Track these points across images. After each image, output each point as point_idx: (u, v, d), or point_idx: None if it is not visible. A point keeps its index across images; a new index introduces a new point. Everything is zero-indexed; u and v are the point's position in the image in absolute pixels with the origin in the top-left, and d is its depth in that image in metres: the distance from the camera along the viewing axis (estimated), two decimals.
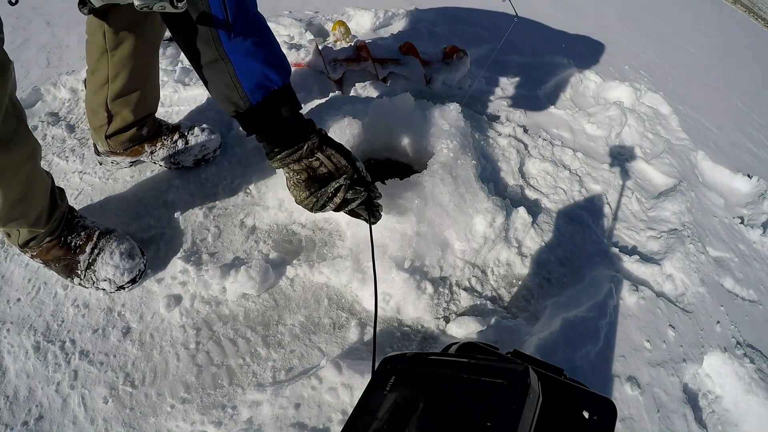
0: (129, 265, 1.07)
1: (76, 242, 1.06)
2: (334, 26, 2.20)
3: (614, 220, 1.66)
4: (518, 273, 1.34)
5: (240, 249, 1.24)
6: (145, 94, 1.18)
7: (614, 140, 2.10)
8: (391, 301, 1.16)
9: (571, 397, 0.60)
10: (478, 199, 1.32)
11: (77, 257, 1.05)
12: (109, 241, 1.07)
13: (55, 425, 0.90)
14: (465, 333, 1.13)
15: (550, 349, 1.08)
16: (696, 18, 6.03)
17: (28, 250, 1.05)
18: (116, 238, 1.09)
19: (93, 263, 1.05)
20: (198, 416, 0.93)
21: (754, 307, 1.58)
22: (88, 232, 1.08)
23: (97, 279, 1.06)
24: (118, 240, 1.09)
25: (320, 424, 0.91)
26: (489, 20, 3.02)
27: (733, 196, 2.14)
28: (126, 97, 1.15)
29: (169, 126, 1.30)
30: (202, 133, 1.28)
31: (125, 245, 1.08)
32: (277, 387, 0.97)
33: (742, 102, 3.62)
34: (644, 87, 2.66)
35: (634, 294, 1.32)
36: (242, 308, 1.12)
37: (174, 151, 1.25)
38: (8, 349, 0.99)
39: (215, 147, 1.31)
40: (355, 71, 1.95)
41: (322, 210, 0.95)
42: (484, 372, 0.55)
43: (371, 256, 0.95)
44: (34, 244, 1.02)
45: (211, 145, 1.30)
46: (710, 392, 1.24)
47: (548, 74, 2.45)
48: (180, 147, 1.26)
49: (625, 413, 1.08)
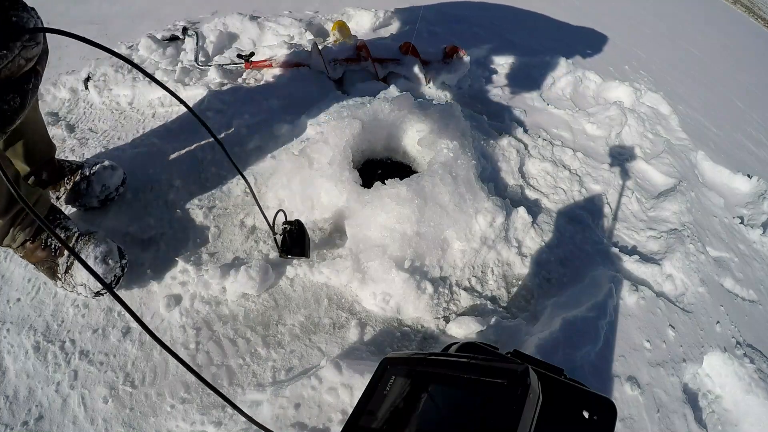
0: (102, 270, 1.02)
1: (56, 244, 1.03)
2: (334, 26, 2.20)
3: (614, 220, 1.66)
4: (518, 273, 1.34)
5: (240, 249, 1.24)
6: (28, 142, 1.10)
7: (614, 140, 2.10)
8: (391, 301, 1.16)
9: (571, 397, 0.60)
10: (478, 199, 1.32)
11: (57, 260, 1.03)
12: (86, 243, 1.03)
13: (55, 425, 0.90)
14: (465, 333, 1.13)
15: (550, 349, 1.08)
16: (696, 18, 6.03)
17: (16, 251, 1.03)
18: (94, 242, 1.04)
19: (71, 267, 1.03)
20: (198, 416, 0.92)
21: (754, 307, 1.58)
22: (67, 234, 1.05)
23: (75, 283, 1.03)
24: (95, 243, 1.04)
25: (320, 424, 0.91)
26: (488, 20, 3.02)
27: (733, 196, 2.14)
28: (12, 148, 1.08)
29: (72, 166, 1.24)
30: (104, 171, 1.22)
31: (102, 248, 1.03)
32: (277, 387, 0.97)
33: (742, 102, 3.62)
34: (644, 87, 2.66)
35: (634, 294, 1.32)
36: (242, 308, 1.12)
37: (77, 194, 1.21)
38: (8, 349, 0.99)
39: (117, 185, 1.24)
40: (355, 71, 1.96)
41: None
42: (484, 372, 0.55)
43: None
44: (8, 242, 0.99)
45: (112, 183, 1.23)
46: (710, 392, 1.24)
47: (548, 74, 2.46)
48: (82, 189, 1.21)
49: (625, 413, 1.08)
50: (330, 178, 1.28)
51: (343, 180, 1.27)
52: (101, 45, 0.63)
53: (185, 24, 2.13)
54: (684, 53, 4.25)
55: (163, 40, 1.93)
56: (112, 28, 2.08)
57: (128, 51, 1.83)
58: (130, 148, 1.47)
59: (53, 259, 1.03)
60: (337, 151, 1.32)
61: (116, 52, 0.66)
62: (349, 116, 1.40)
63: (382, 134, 1.53)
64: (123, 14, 2.23)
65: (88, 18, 2.12)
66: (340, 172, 1.28)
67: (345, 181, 1.27)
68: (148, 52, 1.83)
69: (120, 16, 2.21)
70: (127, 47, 1.87)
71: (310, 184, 1.31)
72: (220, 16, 2.20)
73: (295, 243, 1.10)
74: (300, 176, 1.32)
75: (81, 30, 1.12)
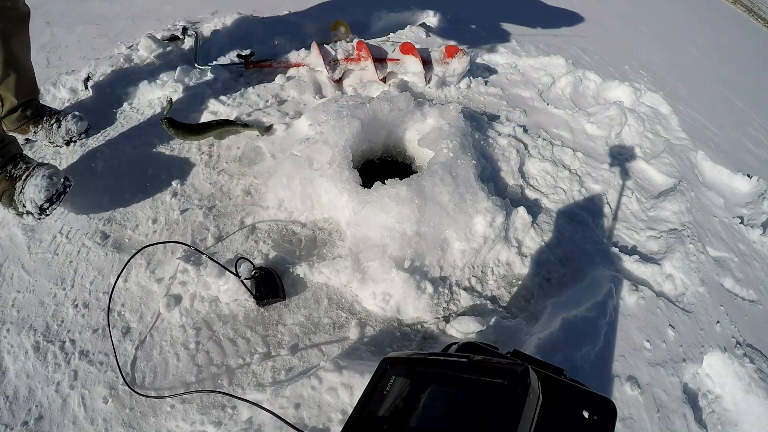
0: (46, 184, 1.15)
1: (17, 173, 1.19)
2: (334, 26, 2.20)
3: (614, 220, 1.66)
4: (518, 273, 1.34)
5: (240, 249, 1.24)
6: (20, 78, 1.31)
7: (614, 140, 2.10)
8: (391, 301, 1.16)
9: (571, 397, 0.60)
10: (478, 198, 1.32)
11: (15, 184, 1.17)
12: (40, 168, 1.18)
13: (55, 425, 0.90)
14: (465, 333, 1.13)
15: (550, 349, 1.08)
16: (696, 18, 6.03)
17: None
18: (47, 166, 1.19)
19: (24, 187, 1.16)
20: (198, 416, 0.92)
21: (754, 307, 1.58)
22: (27, 165, 1.20)
23: (25, 200, 1.15)
24: (47, 167, 1.19)
25: (320, 424, 0.91)
26: (488, 20, 3.02)
27: (733, 196, 2.14)
28: (6, 82, 1.29)
29: (51, 111, 1.46)
30: (72, 119, 1.45)
31: (50, 170, 1.18)
32: (277, 387, 0.97)
33: (742, 102, 3.62)
34: (644, 87, 2.66)
35: (634, 294, 1.32)
36: (242, 308, 1.12)
37: (48, 132, 1.43)
38: (8, 349, 0.99)
39: (81, 131, 1.46)
40: (355, 71, 1.95)
41: None
42: (484, 372, 0.55)
43: None
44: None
45: (77, 129, 1.45)
46: (710, 392, 1.24)
47: (548, 74, 2.45)
48: (54, 129, 1.43)
49: (625, 413, 1.08)
50: (330, 178, 1.28)
51: (343, 180, 1.27)
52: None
53: (185, 24, 2.13)
54: (684, 53, 4.25)
55: (163, 40, 1.93)
56: (112, 28, 2.08)
57: (128, 51, 1.83)
58: (130, 148, 1.47)
59: (13, 185, 1.17)
60: (337, 151, 1.32)
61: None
62: (348, 116, 1.40)
63: (382, 134, 1.53)
64: (123, 14, 2.23)
65: (88, 18, 2.12)
66: (340, 172, 1.28)
67: (345, 181, 1.27)
68: (148, 52, 1.83)
69: (120, 16, 2.21)
70: (127, 47, 1.87)
71: (310, 184, 1.31)
72: (220, 16, 2.20)
73: (269, 289, 1.12)
74: (300, 176, 1.32)
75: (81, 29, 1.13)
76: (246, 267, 1.15)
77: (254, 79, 1.85)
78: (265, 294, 1.10)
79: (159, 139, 1.51)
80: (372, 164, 1.57)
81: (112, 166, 1.40)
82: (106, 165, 1.40)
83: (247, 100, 1.71)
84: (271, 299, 1.11)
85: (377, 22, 2.58)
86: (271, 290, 1.12)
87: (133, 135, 1.51)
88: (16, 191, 1.16)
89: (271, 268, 1.17)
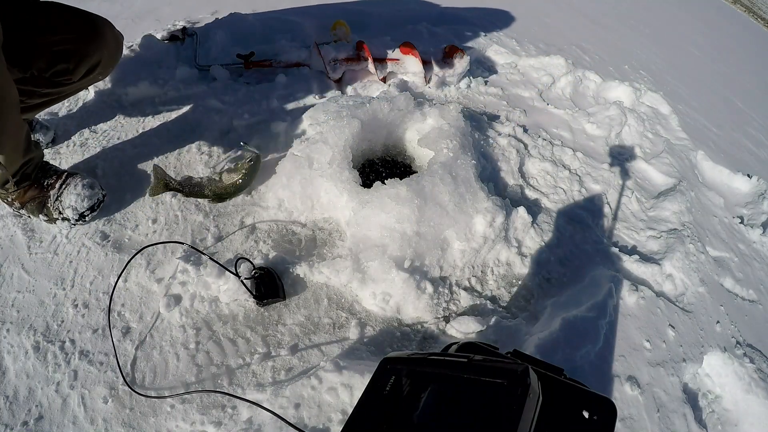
0: (88, 193, 1.20)
1: (49, 182, 1.21)
2: (334, 26, 2.20)
3: (614, 219, 1.66)
4: (518, 273, 1.34)
5: (240, 249, 1.24)
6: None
7: (614, 140, 2.10)
8: (391, 301, 1.16)
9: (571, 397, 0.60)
10: (478, 198, 1.32)
11: (48, 193, 1.20)
12: (74, 177, 1.22)
13: (55, 425, 0.90)
14: (465, 333, 1.13)
15: (550, 349, 1.08)
16: (696, 18, 6.03)
17: (7, 195, 1.17)
18: (81, 176, 1.23)
19: (60, 195, 1.19)
20: (198, 416, 0.92)
21: (754, 307, 1.58)
22: (58, 173, 1.23)
23: (63, 208, 1.18)
24: (82, 177, 1.23)
25: (320, 424, 0.91)
26: (488, 20, 3.02)
27: (733, 196, 2.14)
28: None
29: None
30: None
31: (88, 180, 1.23)
32: (277, 387, 0.97)
33: (742, 102, 3.62)
34: (644, 87, 2.66)
35: (634, 294, 1.32)
36: (242, 308, 1.12)
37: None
38: (8, 349, 0.99)
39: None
40: (355, 71, 1.96)
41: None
42: (484, 372, 0.55)
43: None
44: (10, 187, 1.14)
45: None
46: (710, 392, 1.24)
47: (548, 74, 2.46)
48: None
49: (625, 413, 1.08)
50: (330, 178, 1.28)
51: (343, 180, 1.27)
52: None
53: (185, 24, 2.13)
54: (684, 53, 4.25)
55: (163, 40, 1.93)
56: None
57: (128, 51, 1.83)
58: (130, 148, 1.47)
59: (45, 194, 1.19)
60: (337, 150, 1.32)
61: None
62: (348, 116, 1.40)
63: (381, 134, 1.53)
64: (123, 14, 2.23)
65: None
66: (339, 172, 1.28)
67: (345, 181, 1.27)
68: (148, 52, 1.83)
69: (120, 16, 2.21)
70: (127, 47, 1.87)
71: (309, 184, 1.31)
72: (220, 16, 2.20)
73: (269, 289, 1.12)
74: (300, 176, 1.32)
75: None
76: (246, 267, 1.15)
77: (254, 79, 1.85)
78: (265, 294, 1.10)
79: (159, 139, 1.51)
80: (372, 164, 1.57)
81: (112, 166, 1.40)
82: (106, 165, 1.40)
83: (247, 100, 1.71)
84: (271, 299, 1.11)
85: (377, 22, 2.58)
86: (271, 290, 1.12)
87: (133, 135, 1.51)
88: (50, 199, 1.19)
89: (271, 268, 1.17)
